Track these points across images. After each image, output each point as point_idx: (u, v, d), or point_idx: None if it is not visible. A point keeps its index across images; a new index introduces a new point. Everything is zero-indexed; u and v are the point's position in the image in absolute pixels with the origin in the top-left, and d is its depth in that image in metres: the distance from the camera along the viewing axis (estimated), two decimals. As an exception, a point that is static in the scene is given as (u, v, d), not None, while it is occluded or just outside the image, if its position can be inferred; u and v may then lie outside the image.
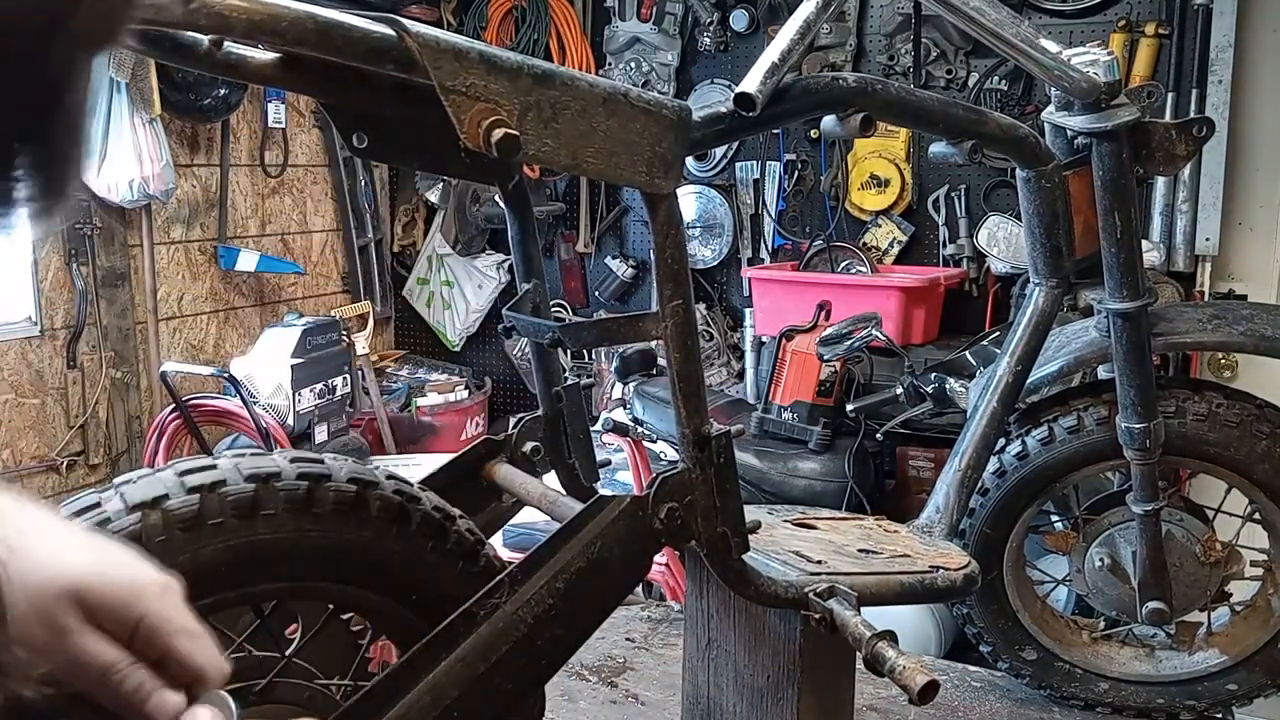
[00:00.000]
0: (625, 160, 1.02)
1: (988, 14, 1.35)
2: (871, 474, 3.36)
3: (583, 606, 1.09)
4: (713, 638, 1.44)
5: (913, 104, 1.26)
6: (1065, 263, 1.52)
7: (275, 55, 1.00)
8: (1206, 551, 1.70)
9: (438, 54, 0.88)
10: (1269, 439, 1.61)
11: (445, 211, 4.90)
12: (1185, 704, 1.77)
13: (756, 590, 1.20)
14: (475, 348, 5.07)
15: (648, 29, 4.33)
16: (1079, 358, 1.67)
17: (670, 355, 1.10)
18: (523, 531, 2.65)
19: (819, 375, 3.25)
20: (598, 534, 1.09)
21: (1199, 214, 3.60)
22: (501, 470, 1.35)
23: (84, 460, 3.63)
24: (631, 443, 2.91)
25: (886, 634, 1.12)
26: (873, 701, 1.81)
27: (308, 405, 3.80)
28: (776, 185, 4.28)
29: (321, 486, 0.99)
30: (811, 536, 1.45)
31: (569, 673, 1.90)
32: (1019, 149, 1.41)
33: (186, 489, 0.94)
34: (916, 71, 3.83)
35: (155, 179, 3.50)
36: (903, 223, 4.09)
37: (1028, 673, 1.80)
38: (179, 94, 3.63)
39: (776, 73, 1.14)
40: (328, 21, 0.85)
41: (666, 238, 1.07)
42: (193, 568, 0.92)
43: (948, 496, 1.53)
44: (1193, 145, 1.51)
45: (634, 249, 4.68)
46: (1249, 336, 1.60)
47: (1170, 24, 3.61)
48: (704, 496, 1.14)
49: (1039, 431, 1.69)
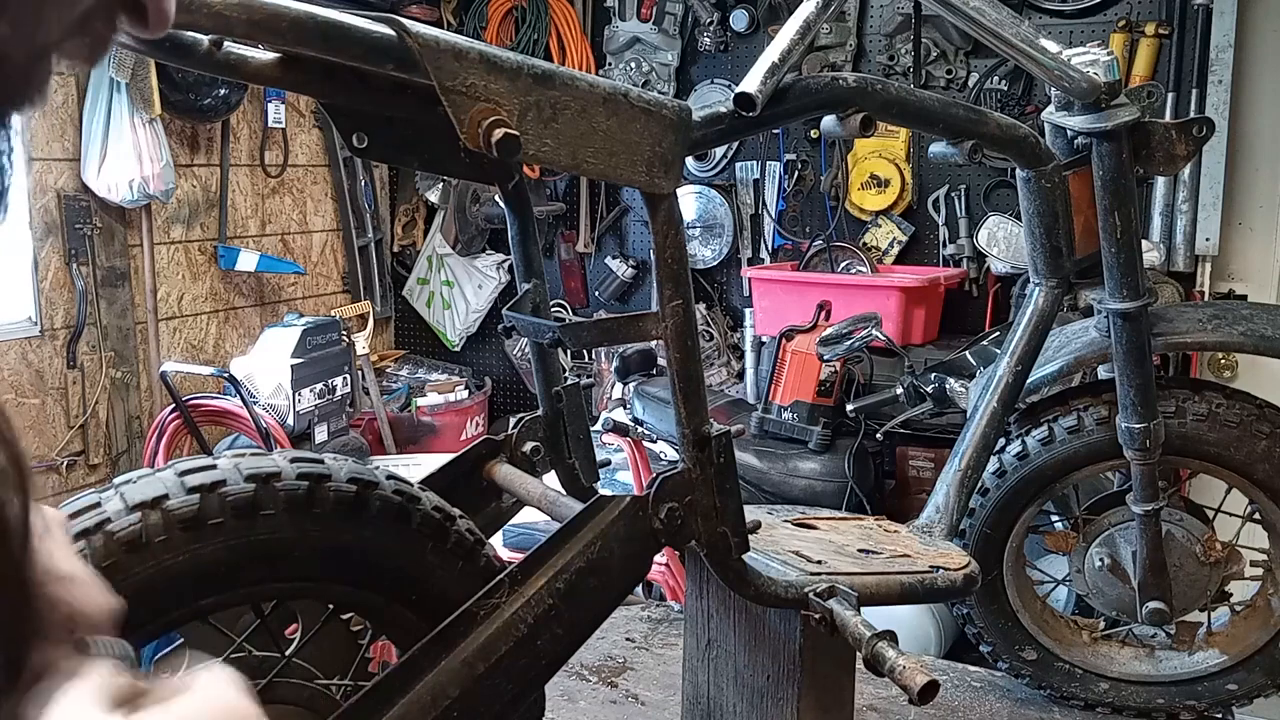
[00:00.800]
0: (625, 160, 1.02)
1: (988, 14, 1.35)
2: (871, 474, 3.36)
3: (583, 606, 1.09)
4: (713, 638, 1.44)
5: (913, 104, 1.26)
6: (1065, 263, 1.52)
7: (275, 55, 1.00)
8: (1206, 551, 1.70)
9: (438, 54, 0.88)
10: (1269, 439, 1.61)
11: (445, 211, 4.90)
12: (1185, 704, 1.77)
13: (756, 590, 1.20)
14: (475, 348, 5.07)
15: (648, 29, 4.33)
16: (1079, 358, 1.67)
17: (670, 355, 1.10)
18: (523, 531, 2.65)
19: (819, 375, 3.25)
20: (598, 534, 1.09)
21: (1199, 214, 3.60)
22: (501, 470, 1.35)
23: (84, 460, 3.63)
24: (631, 443, 2.91)
25: (886, 634, 1.12)
26: (873, 701, 1.81)
27: (308, 405, 3.80)
28: (776, 185, 4.28)
29: (321, 486, 0.99)
30: (811, 536, 1.45)
31: (569, 673, 1.90)
32: (1019, 149, 1.41)
33: (186, 489, 0.94)
34: (916, 71, 3.83)
35: (155, 179, 3.50)
36: (903, 223, 4.09)
37: (1028, 673, 1.80)
38: (179, 94, 3.63)
39: (776, 73, 1.14)
40: (328, 21, 0.85)
41: (666, 238, 1.07)
42: (193, 568, 0.92)
43: (948, 496, 1.53)
44: (1193, 145, 1.51)
45: (634, 249, 4.68)
46: (1249, 336, 1.60)
47: (1170, 24, 3.61)
48: (704, 496, 1.14)
49: (1039, 431, 1.69)
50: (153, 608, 0.92)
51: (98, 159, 3.45)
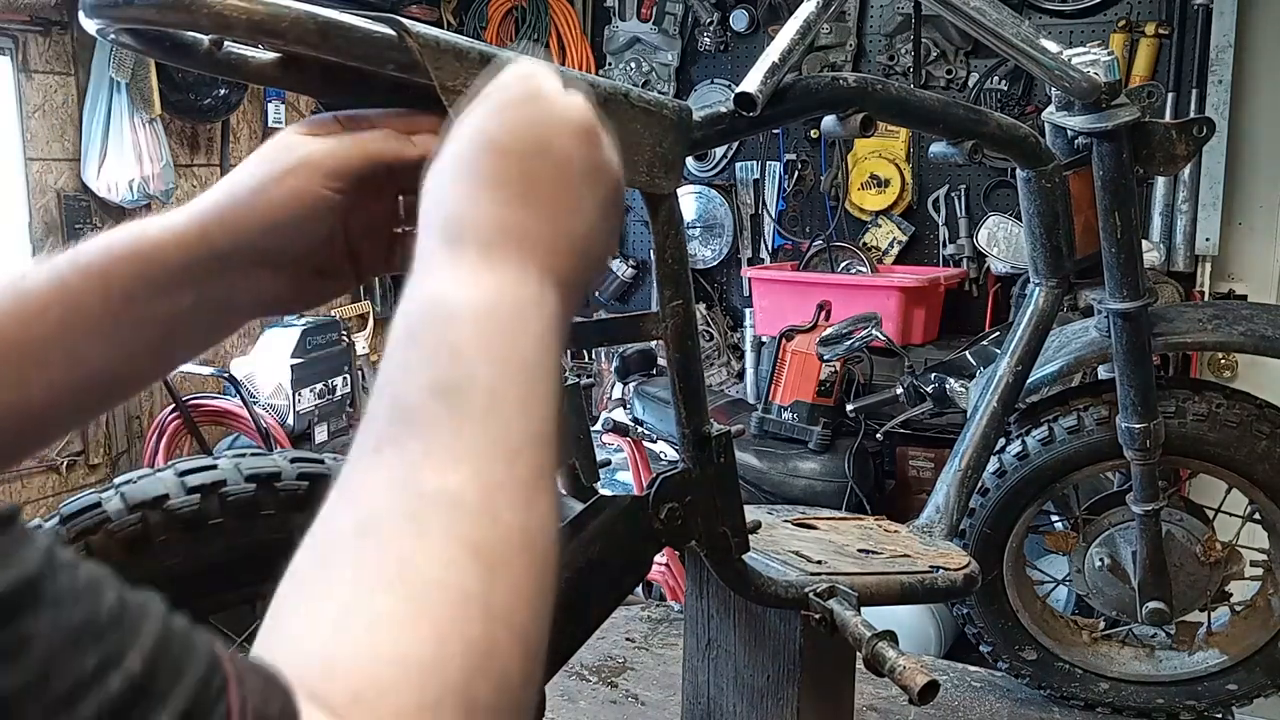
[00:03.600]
0: (625, 160, 1.01)
1: (988, 14, 1.35)
2: (871, 474, 3.36)
3: (582, 607, 1.09)
4: (713, 638, 1.44)
5: (913, 104, 1.25)
6: (1065, 263, 1.52)
7: (275, 55, 1.00)
8: (1206, 551, 1.70)
9: (438, 54, 0.88)
10: (1269, 439, 1.61)
11: (445, 211, 4.90)
12: (1185, 704, 1.77)
13: (756, 590, 1.20)
14: (475, 348, 5.07)
15: (648, 29, 4.33)
16: (1079, 358, 1.67)
17: (670, 355, 1.10)
18: (523, 531, 2.64)
19: (819, 375, 3.24)
20: (598, 534, 1.09)
21: (1199, 214, 3.60)
22: (501, 470, 1.35)
23: (84, 460, 3.63)
24: (631, 443, 2.91)
25: (886, 634, 1.12)
26: (873, 701, 1.81)
27: (308, 405, 3.80)
28: (776, 185, 4.28)
29: (322, 486, 0.99)
30: (811, 536, 1.45)
31: (569, 673, 1.90)
32: (1019, 149, 1.41)
33: (186, 489, 0.94)
34: (916, 71, 3.83)
35: (155, 179, 3.50)
36: (903, 223, 4.09)
37: (1028, 673, 1.80)
38: (179, 94, 3.63)
39: (777, 73, 1.14)
40: (328, 21, 0.85)
41: (667, 238, 1.07)
42: (193, 568, 0.92)
43: (948, 496, 1.53)
44: (1193, 145, 1.51)
45: (634, 249, 4.68)
46: (1249, 336, 1.60)
47: (1170, 24, 3.61)
48: (704, 496, 1.14)
49: (1039, 431, 1.69)
50: (153, 608, 0.92)
51: (98, 159, 3.45)
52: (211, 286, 0.67)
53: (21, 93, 3.39)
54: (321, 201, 0.68)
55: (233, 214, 0.67)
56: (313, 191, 0.68)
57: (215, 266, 0.67)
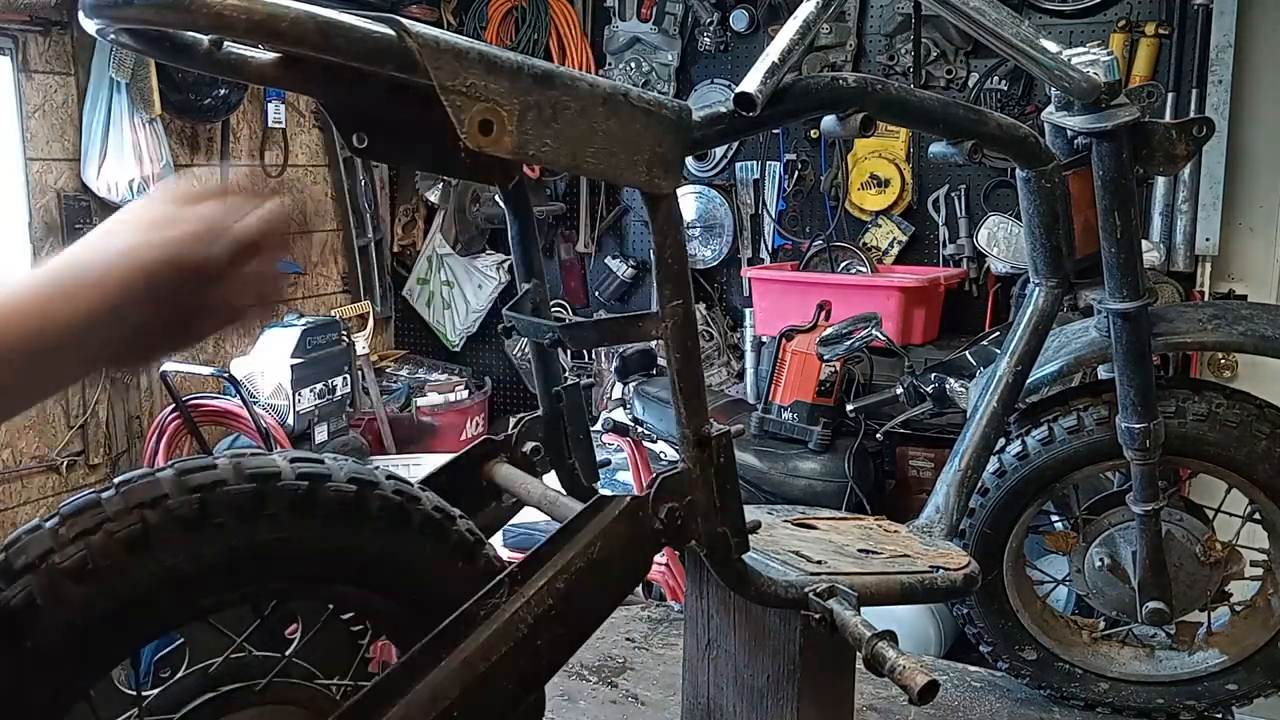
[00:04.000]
0: (625, 160, 1.02)
1: (988, 14, 1.35)
2: (871, 474, 3.36)
3: (583, 606, 1.09)
4: (713, 638, 1.44)
5: (913, 104, 1.25)
6: (1065, 263, 1.52)
7: (275, 55, 1.00)
8: (1206, 551, 1.70)
9: (438, 54, 0.88)
10: (1269, 439, 1.61)
11: (445, 211, 4.90)
12: (1185, 704, 1.76)
13: (756, 590, 1.20)
14: (475, 348, 5.07)
15: (648, 29, 4.33)
16: (1079, 358, 1.67)
17: (670, 355, 1.10)
18: (523, 531, 2.65)
19: (819, 375, 3.25)
20: (598, 534, 1.09)
21: (1199, 214, 3.60)
22: (501, 470, 1.35)
23: (84, 460, 3.63)
24: (631, 443, 2.91)
25: (886, 634, 1.12)
26: (873, 701, 1.81)
27: (308, 405, 3.80)
28: (776, 185, 4.28)
29: (321, 486, 0.99)
30: (811, 536, 1.45)
31: (569, 673, 1.90)
32: (1019, 149, 1.41)
33: (186, 489, 0.94)
34: (916, 71, 3.83)
35: (155, 179, 3.50)
36: (903, 223, 4.09)
37: (1028, 673, 1.80)
38: (179, 94, 3.63)
39: (777, 73, 1.14)
40: (328, 21, 0.85)
41: (666, 238, 1.07)
42: (193, 568, 0.92)
43: (948, 496, 1.53)
44: (1193, 145, 1.51)
45: (634, 249, 4.68)
46: (1249, 336, 1.60)
47: (1170, 24, 3.62)
48: (704, 496, 1.14)
49: (1039, 431, 1.69)
50: (153, 608, 0.92)
51: (98, 159, 3.45)
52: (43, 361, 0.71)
53: (21, 93, 3.39)
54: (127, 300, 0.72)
55: (58, 304, 0.71)
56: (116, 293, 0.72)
57: (50, 345, 0.70)
